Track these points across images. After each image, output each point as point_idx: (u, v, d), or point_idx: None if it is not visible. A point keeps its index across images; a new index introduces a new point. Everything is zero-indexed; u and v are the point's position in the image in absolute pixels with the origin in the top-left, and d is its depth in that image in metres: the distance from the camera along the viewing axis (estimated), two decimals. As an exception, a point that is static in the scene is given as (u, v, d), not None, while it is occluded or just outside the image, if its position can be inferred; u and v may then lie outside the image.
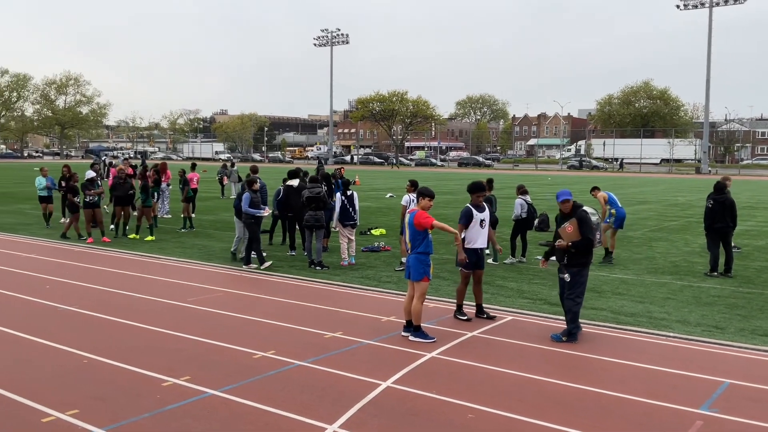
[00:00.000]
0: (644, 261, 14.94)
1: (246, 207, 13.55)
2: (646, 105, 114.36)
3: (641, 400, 6.63)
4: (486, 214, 9.67)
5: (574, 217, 8.60)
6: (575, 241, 8.52)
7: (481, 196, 9.70)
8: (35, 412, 6.10)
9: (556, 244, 8.70)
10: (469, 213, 9.53)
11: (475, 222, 9.50)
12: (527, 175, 66.75)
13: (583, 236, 8.49)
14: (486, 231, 9.66)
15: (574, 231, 8.52)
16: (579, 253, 8.59)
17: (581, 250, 8.57)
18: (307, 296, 11.10)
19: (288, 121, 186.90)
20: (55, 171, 23.24)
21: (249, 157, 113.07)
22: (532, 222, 14.67)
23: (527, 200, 14.71)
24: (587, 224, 8.51)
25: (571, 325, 8.70)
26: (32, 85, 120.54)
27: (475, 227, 9.51)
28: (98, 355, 7.79)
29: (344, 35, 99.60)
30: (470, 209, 9.56)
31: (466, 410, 6.29)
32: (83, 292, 11.15)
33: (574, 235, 8.53)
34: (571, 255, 8.61)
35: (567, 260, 8.65)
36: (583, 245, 8.52)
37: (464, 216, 9.55)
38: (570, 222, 8.58)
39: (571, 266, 8.64)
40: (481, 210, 9.62)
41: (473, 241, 9.50)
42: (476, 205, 9.62)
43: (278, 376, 7.17)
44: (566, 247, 8.56)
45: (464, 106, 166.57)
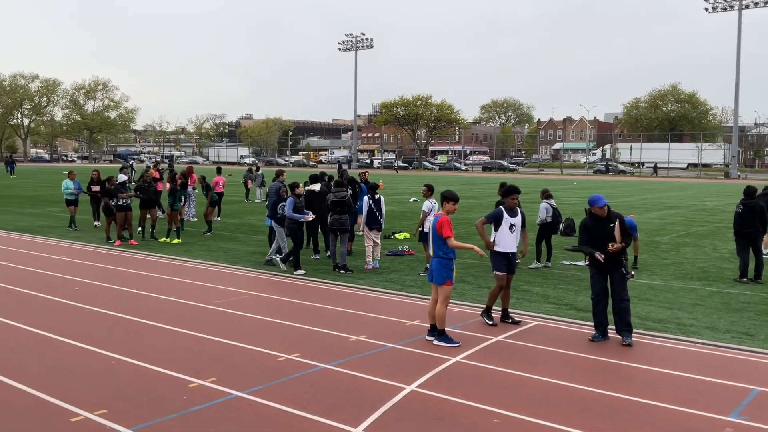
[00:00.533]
0: (672, 266, 14.75)
1: (290, 212, 13.51)
2: (673, 109, 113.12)
3: (669, 406, 6.54)
4: (518, 219, 9.59)
5: (618, 218, 8.80)
6: (624, 241, 8.75)
7: (516, 199, 9.64)
8: (64, 412, 6.19)
9: (610, 248, 8.59)
10: (499, 214, 9.48)
11: (505, 225, 9.43)
12: (552, 179, 66.28)
13: (627, 235, 8.76)
14: (516, 236, 9.60)
15: (619, 232, 8.73)
16: (624, 253, 8.86)
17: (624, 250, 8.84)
18: (332, 299, 11.13)
19: (312, 126, 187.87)
20: (84, 174, 23.62)
21: (273, 161, 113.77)
22: (557, 226, 14.58)
23: (552, 204, 14.62)
24: (626, 224, 8.87)
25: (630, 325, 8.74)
26: (62, 90, 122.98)
27: (504, 231, 9.45)
28: (126, 356, 7.89)
29: (369, 40, 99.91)
30: (501, 211, 9.53)
31: (491, 415, 6.26)
32: (111, 294, 11.30)
33: (620, 237, 8.73)
34: (619, 256, 8.72)
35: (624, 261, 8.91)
36: (628, 244, 8.84)
37: (493, 216, 9.50)
38: (618, 225, 8.76)
39: (624, 266, 8.85)
40: (514, 215, 9.55)
41: (502, 246, 9.45)
42: (509, 209, 9.56)
43: (303, 379, 7.19)
44: (623, 247, 8.67)
45: (489, 110, 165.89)
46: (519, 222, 9.62)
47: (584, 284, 12.66)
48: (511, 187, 9.73)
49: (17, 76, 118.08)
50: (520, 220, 9.65)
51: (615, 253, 8.63)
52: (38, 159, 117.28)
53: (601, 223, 8.77)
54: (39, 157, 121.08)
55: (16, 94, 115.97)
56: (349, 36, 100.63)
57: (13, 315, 9.75)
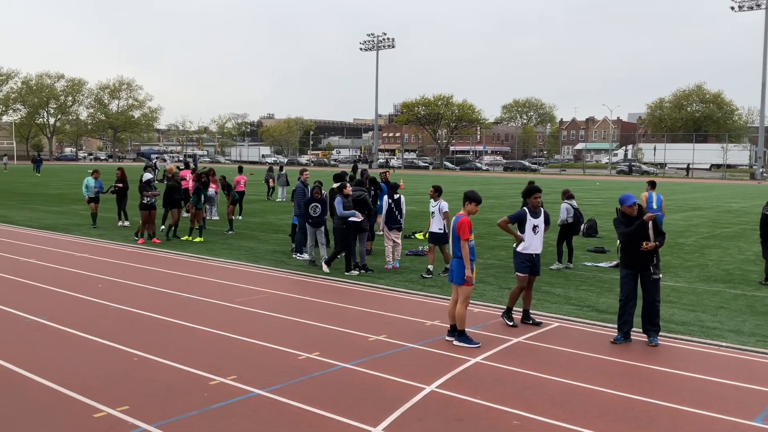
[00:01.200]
0: (696, 268, 14.58)
1: (341, 210, 13.27)
2: (698, 109, 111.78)
3: (692, 410, 6.46)
4: (541, 220, 9.53)
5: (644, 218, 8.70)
6: (658, 239, 8.69)
7: (538, 198, 9.57)
8: (87, 408, 6.27)
9: (644, 247, 8.54)
10: (523, 216, 9.43)
11: (529, 226, 9.38)
12: (575, 179, 65.81)
13: (661, 234, 8.71)
14: (540, 237, 9.54)
15: (652, 232, 8.65)
16: (656, 253, 8.75)
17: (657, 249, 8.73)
18: (352, 299, 11.15)
19: (333, 125, 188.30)
20: (109, 173, 23.89)
21: (295, 161, 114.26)
22: (579, 227, 14.46)
23: (573, 205, 14.50)
24: (658, 223, 8.78)
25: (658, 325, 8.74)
26: (86, 89, 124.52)
27: (528, 232, 9.40)
28: (148, 353, 7.97)
29: (390, 39, 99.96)
30: (525, 212, 9.48)
31: (512, 417, 6.23)
32: (134, 292, 11.42)
33: (653, 235, 8.67)
34: (651, 255, 8.66)
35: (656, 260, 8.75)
36: (663, 242, 8.76)
37: (516, 216, 9.46)
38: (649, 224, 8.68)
39: (656, 266, 8.70)
40: (537, 215, 9.50)
41: (527, 247, 9.40)
42: (532, 210, 9.50)
43: (322, 378, 7.22)
44: (656, 246, 8.60)
45: (510, 110, 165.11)
46: (542, 223, 9.55)
47: (606, 286, 12.56)
48: (533, 187, 9.68)
49: (43, 76, 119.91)
50: (543, 221, 9.59)
51: (648, 253, 8.59)
52: (63, 157, 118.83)
53: (632, 222, 8.72)
54: (64, 155, 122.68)
55: (42, 93, 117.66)
56: (371, 36, 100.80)
57: (37, 311, 9.90)
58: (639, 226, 8.62)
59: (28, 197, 32.96)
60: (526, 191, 9.73)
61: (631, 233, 8.66)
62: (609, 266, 14.75)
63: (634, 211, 8.72)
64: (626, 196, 8.82)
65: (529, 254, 9.43)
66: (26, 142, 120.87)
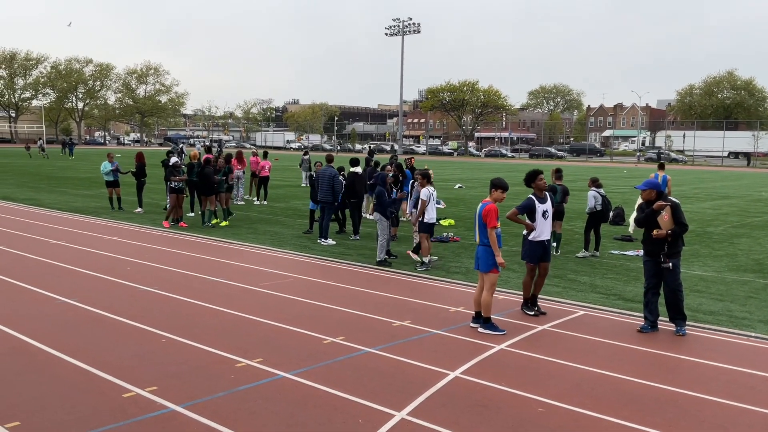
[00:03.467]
0: (725, 258, 14.36)
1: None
2: (729, 96, 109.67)
3: (720, 401, 6.39)
4: (548, 204, 9.42)
5: (669, 205, 8.54)
6: (672, 229, 8.49)
7: (542, 179, 9.44)
8: (117, 388, 6.38)
9: (654, 234, 8.51)
10: (531, 204, 9.27)
11: (539, 213, 9.29)
12: (602, 167, 65.12)
13: (678, 223, 8.49)
14: (549, 222, 9.44)
15: (669, 219, 8.48)
16: (675, 241, 8.57)
17: (677, 238, 8.56)
18: (376, 284, 11.18)
19: (358, 111, 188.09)
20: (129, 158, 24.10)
21: (319, 147, 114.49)
22: (607, 215, 14.31)
23: (601, 192, 14.33)
24: (681, 211, 8.55)
25: (683, 310, 8.65)
26: (114, 74, 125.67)
27: (539, 219, 9.31)
28: (176, 335, 8.08)
29: (416, 24, 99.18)
30: (532, 200, 9.30)
31: (536, 404, 6.22)
32: (161, 275, 11.57)
33: (669, 224, 8.49)
34: (670, 244, 8.54)
35: (667, 249, 8.57)
36: (680, 231, 8.52)
37: (524, 207, 9.28)
38: (665, 210, 8.51)
39: (671, 255, 8.57)
40: (544, 201, 9.41)
41: (538, 234, 9.31)
42: (538, 196, 9.39)
43: (347, 362, 7.26)
44: (665, 235, 8.47)
45: (537, 96, 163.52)
46: (550, 207, 9.45)
47: (633, 274, 12.44)
48: (534, 170, 9.49)
49: (72, 61, 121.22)
50: (551, 205, 9.50)
51: (659, 240, 8.50)
52: (92, 141, 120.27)
53: (647, 207, 8.70)
54: (93, 140, 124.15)
55: (71, 78, 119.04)
56: (396, 21, 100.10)
57: (67, 293, 10.07)
58: (648, 213, 8.66)
59: (58, 180, 33.46)
60: (529, 176, 9.52)
61: (641, 220, 8.74)
62: (636, 255, 14.59)
63: (648, 196, 8.68)
64: (644, 182, 8.81)
65: (540, 241, 9.34)
66: (55, 127, 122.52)
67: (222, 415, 5.78)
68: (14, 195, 25.52)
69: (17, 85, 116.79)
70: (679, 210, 8.55)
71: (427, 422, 5.73)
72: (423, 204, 12.58)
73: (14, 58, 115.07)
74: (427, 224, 12.63)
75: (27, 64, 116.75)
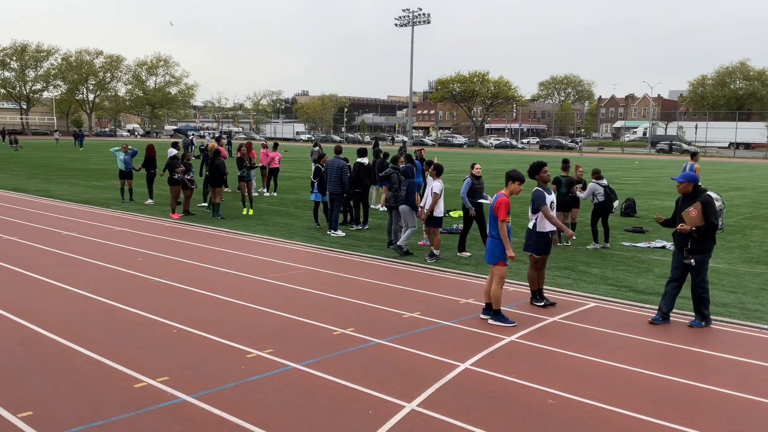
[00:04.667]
0: (737, 249, 14.26)
1: (463, 195, 12.80)
2: (742, 86, 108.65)
3: (732, 393, 6.36)
4: (553, 196, 9.40)
5: (698, 201, 8.36)
6: (699, 225, 8.32)
7: (547, 172, 9.38)
8: (128, 378, 6.41)
9: (678, 228, 8.44)
10: (542, 195, 9.24)
11: (546, 205, 9.26)
12: (613, 158, 64.77)
13: (707, 221, 8.30)
14: (554, 214, 9.41)
15: (698, 215, 8.32)
16: (702, 238, 8.38)
17: (704, 235, 8.37)
18: (386, 276, 11.18)
19: (367, 102, 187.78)
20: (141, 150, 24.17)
21: (329, 138, 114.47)
22: (611, 206, 14.22)
23: (602, 184, 14.21)
24: (712, 209, 8.32)
25: (706, 311, 8.55)
26: (125, 66, 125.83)
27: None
28: (187, 325, 8.11)
29: (425, 15, 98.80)
30: (542, 193, 9.26)
31: (546, 395, 6.20)
32: (172, 265, 11.61)
33: (697, 220, 8.32)
34: (695, 240, 8.40)
35: (691, 245, 8.44)
36: (706, 230, 8.32)
37: (539, 197, 9.22)
38: (694, 206, 8.37)
39: (695, 252, 8.43)
40: (549, 192, 9.38)
41: (544, 226, 9.28)
42: (543, 188, 9.35)
43: (357, 353, 7.26)
44: (689, 231, 8.35)
45: (548, 86, 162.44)
46: (555, 199, 9.43)
47: (644, 266, 12.38)
48: (538, 162, 9.45)
49: (82, 52, 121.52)
50: (554, 197, 9.49)
51: (684, 234, 8.42)
52: (102, 133, 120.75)
53: (683, 200, 8.59)
54: (104, 131, 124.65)
55: (82, 69, 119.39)
56: (406, 11, 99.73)
57: (79, 283, 10.13)
58: (676, 206, 8.66)
59: (69, 172, 33.63)
60: (533, 168, 9.46)
61: (674, 214, 8.69)
62: (647, 246, 14.52)
63: (683, 189, 8.57)
64: (682, 174, 8.73)
65: (546, 233, 9.31)
66: (66, 118, 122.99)
67: (233, 406, 5.80)
68: (25, 186, 25.68)
69: (28, 77, 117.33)
70: (709, 207, 8.31)
71: (437, 413, 5.74)
72: (436, 198, 12.47)
73: (25, 50, 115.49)
74: (437, 218, 12.59)
75: (38, 56, 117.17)
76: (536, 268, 9.43)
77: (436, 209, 12.52)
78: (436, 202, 12.46)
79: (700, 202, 8.33)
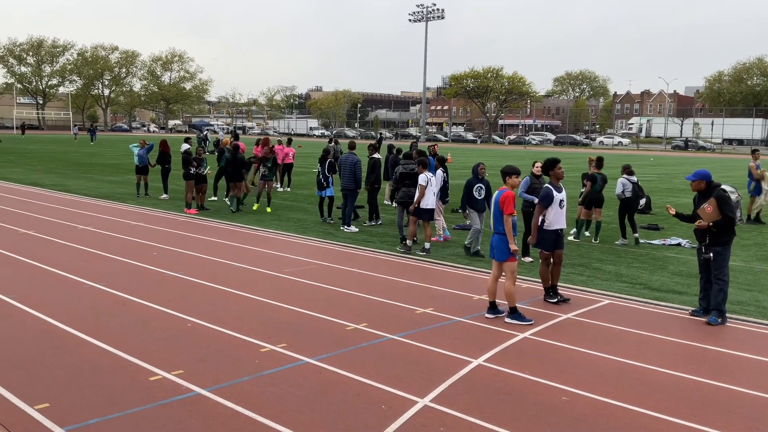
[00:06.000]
0: (753, 247, 14.15)
1: (523, 192, 12.09)
2: (759, 82, 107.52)
3: (747, 391, 6.32)
4: (564, 194, 9.42)
5: (713, 196, 8.46)
6: (716, 220, 8.42)
7: (561, 168, 9.44)
8: (144, 371, 6.47)
9: (696, 225, 8.54)
10: (549, 194, 9.25)
11: (555, 203, 9.26)
12: (628, 155, 64.34)
13: (723, 215, 8.40)
14: (564, 211, 9.43)
15: (714, 211, 8.41)
16: (721, 232, 8.49)
17: (723, 229, 8.47)
18: (398, 272, 11.19)
19: (381, 98, 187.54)
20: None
21: (342, 134, 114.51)
22: (637, 203, 14.29)
23: (632, 180, 14.20)
24: (727, 203, 8.41)
25: (723, 306, 8.58)
26: (140, 61, 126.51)
27: (555, 208, 9.27)
28: (201, 319, 8.17)
29: (440, 10, 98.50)
30: (550, 190, 9.27)
31: (560, 392, 6.20)
32: (187, 260, 11.69)
33: (714, 215, 8.41)
34: (713, 234, 8.50)
35: (709, 239, 8.54)
36: (724, 224, 8.43)
37: (545, 197, 9.27)
38: (709, 202, 8.45)
39: (714, 245, 8.52)
40: (560, 189, 9.38)
41: (552, 223, 9.26)
42: (555, 185, 9.34)
43: (370, 348, 7.28)
44: (707, 227, 8.44)
45: (562, 82, 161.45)
46: (565, 197, 9.44)
47: (659, 263, 12.31)
48: (553, 158, 9.54)
49: (98, 48, 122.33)
50: (565, 195, 9.50)
51: (702, 230, 8.52)
52: (117, 128, 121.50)
53: (699, 198, 8.74)
54: (119, 126, 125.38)
55: (97, 65, 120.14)
56: (420, 6, 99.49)
57: (95, 277, 10.22)
58: (694, 204, 8.82)
59: (85, 166, 33.89)
60: (548, 164, 9.49)
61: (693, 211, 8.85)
62: (662, 243, 14.44)
63: (696, 187, 8.71)
64: (694, 173, 8.83)
65: (554, 230, 9.30)
66: (82, 113, 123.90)
67: (247, 399, 5.84)
68: (42, 181, 25.91)
69: (44, 72, 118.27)
70: (723, 201, 8.38)
71: (450, 409, 5.74)
72: (421, 189, 12.65)
73: (41, 45, 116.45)
74: (425, 210, 12.75)
75: (54, 52, 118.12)
76: (547, 265, 9.42)
77: (423, 201, 12.67)
78: (422, 194, 12.62)
79: (714, 197, 8.44)
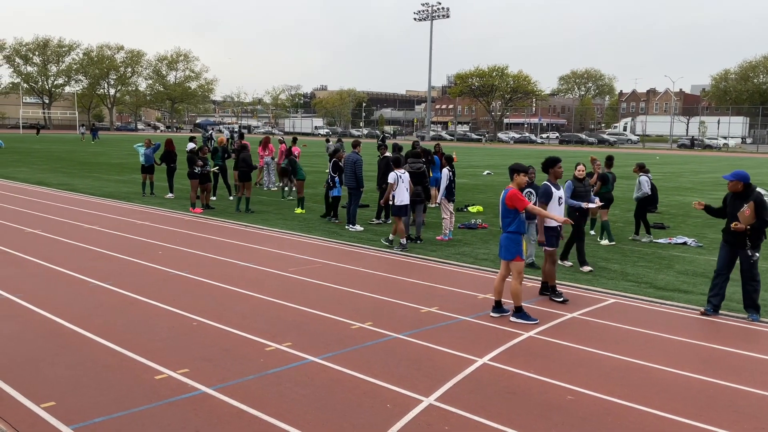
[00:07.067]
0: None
1: (568, 197, 11.20)
2: (765, 81, 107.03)
3: (753, 390, 6.29)
4: (562, 191, 9.55)
5: (752, 199, 8.48)
6: (752, 224, 8.46)
7: (561, 167, 9.50)
8: (149, 370, 6.48)
9: (732, 227, 8.53)
10: (549, 191, 9.36)
11: (554, 200, 9.37)
12: (634, 153, 64.16)
13: (759, 218, 8.44)
14: (563, 208, 9.53)
15: (752, 214, 8.44)
16: (756, 234, 8.55)
17: (758, 231, 8.53)
18: (403, 271, 11.18)
19: (386, 97, 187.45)
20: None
21: (347, 133, 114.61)
22: (656, 201, 14.36)
23: (649, 177, 14.28)
24: (765, 207, 8.45)
25: (758, 301, 8.70)
26: (145, 61, 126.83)
27: (554, 205, 9.39)
28: (207, 318, 8.18)
29: (445, 9, 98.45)
30: (549, 187, 9.41)
31: (565, 391, 6.18)
32: (192, 259, 11.70)
33: (750, 218, 8.44)
34: (753, 237, 8.55)
35: (751, 242, 8.58)
36: (759, 227, 8.50)
37: (544, 194, 9.38)
38: (748, 205, 8.46)
39: (756, 247, 8.58)
40: (558, 187, 9.49)
41: (553, 220, 9.26)
42: (554, 183, 9.41)
43: (375, 347, 7.28)
44: (744, 229, 8.47)
45: (568, 81, 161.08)
46: (563, 193, 9.55)
47: (665, 262, 12.27)
48: (554, 157, 9.61)
49: (104, 47, 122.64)
50: (563, 192, 9.59)
51: (739, 233, 8.54)
52: (123, 128, 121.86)
53: (734, 198, 8.73)
54: (125, 126, 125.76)
55: (103, 64, 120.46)
56: (425, 5, 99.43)
57: (101, 276, 10.25)
58: (724, 203, 8.91)
59: (91, 166, 33.98)
60: (549, 162, 9.54)
61: (723, 209, 8.94)
62: (668, 242, 14.40)
63: (734, 187, 8.69)
64: (732, 173, 8.79)
65: (555, 227, 9.37)
66: (87, 113, 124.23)
67: (252, 398, 5.85)
68: (48, 180, 25.99)
69: (50, 71, 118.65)
70: (762, 206, 8.44)
71: (455, 408, 5.74)
72: (390, 187, 12.91)
73: (47, 45, 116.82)
74: (397, 207, 12.91)
75: (60, 51, 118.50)
76: (554, 262, 9.44)
77: (397, 198, 12.89)
78: (391, 190, 12.91)
79: (753, 201, 8.46)
